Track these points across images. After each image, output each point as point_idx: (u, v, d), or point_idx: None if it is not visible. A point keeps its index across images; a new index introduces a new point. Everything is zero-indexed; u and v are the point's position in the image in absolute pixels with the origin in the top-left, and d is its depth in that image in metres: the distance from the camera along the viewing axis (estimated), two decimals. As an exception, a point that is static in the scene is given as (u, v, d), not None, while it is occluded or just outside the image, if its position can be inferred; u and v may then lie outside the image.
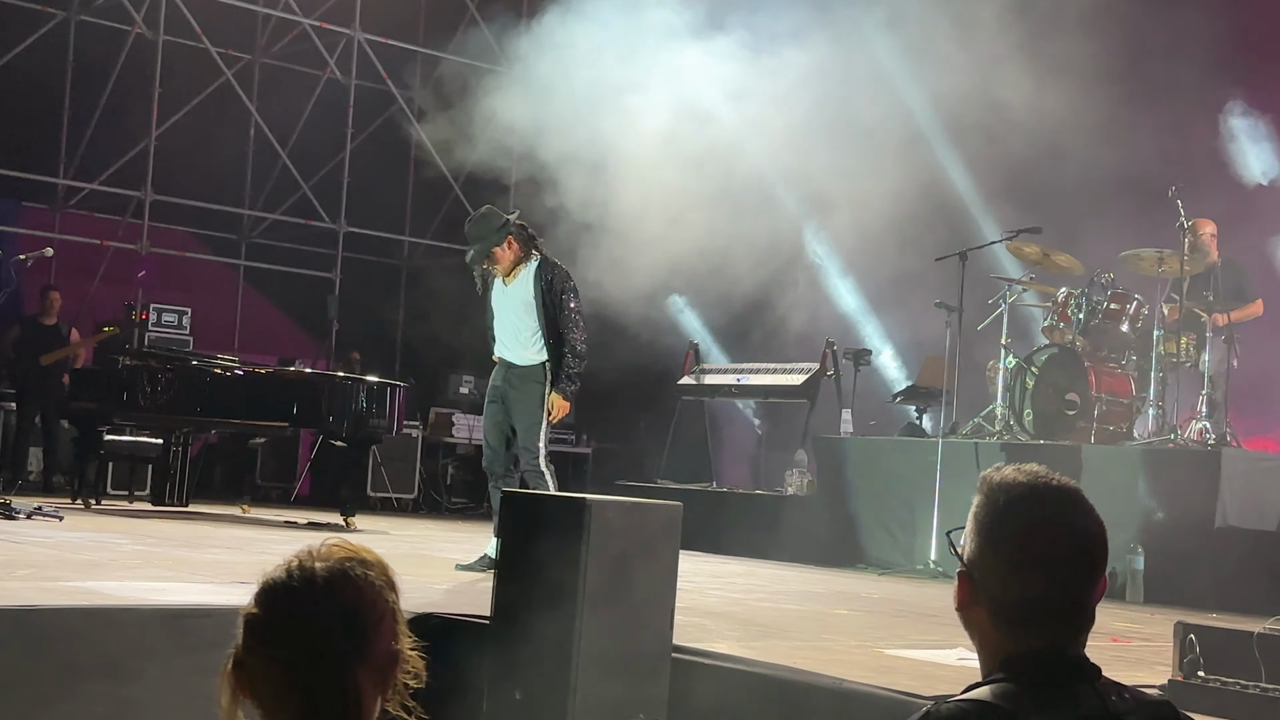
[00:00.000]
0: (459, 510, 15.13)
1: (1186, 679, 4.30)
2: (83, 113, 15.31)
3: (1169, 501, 8.81)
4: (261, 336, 16.56)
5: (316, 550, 2.01)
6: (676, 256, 13.83)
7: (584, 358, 7.96)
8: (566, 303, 7.93)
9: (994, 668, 2.01)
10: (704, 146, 14.22)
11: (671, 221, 13.87)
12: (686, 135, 14.21)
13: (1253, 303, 10.21)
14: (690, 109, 14.33)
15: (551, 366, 7.89)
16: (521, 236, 7.99)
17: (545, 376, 7.89)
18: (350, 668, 1.92)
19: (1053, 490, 2.04)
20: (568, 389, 7.90)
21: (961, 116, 13.27)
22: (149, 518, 10.89)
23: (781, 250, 14.34)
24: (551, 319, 7.89)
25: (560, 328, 7.89)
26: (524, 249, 7.98)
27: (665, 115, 14.17)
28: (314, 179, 16.28)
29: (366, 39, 16.40)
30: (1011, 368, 9.95)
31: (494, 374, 8.09)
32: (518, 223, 8.03)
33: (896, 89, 13.73)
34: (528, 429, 7.88)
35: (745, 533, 10.88)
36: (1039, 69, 12.56)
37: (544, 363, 7.91)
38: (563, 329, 7.89)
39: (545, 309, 7.88)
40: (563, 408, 7.92)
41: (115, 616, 4.91)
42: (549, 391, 7.88)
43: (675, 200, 13.92)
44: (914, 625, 6.65)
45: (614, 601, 4.31)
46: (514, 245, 7.95)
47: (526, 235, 8.04)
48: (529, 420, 7.88)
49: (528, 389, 7.91)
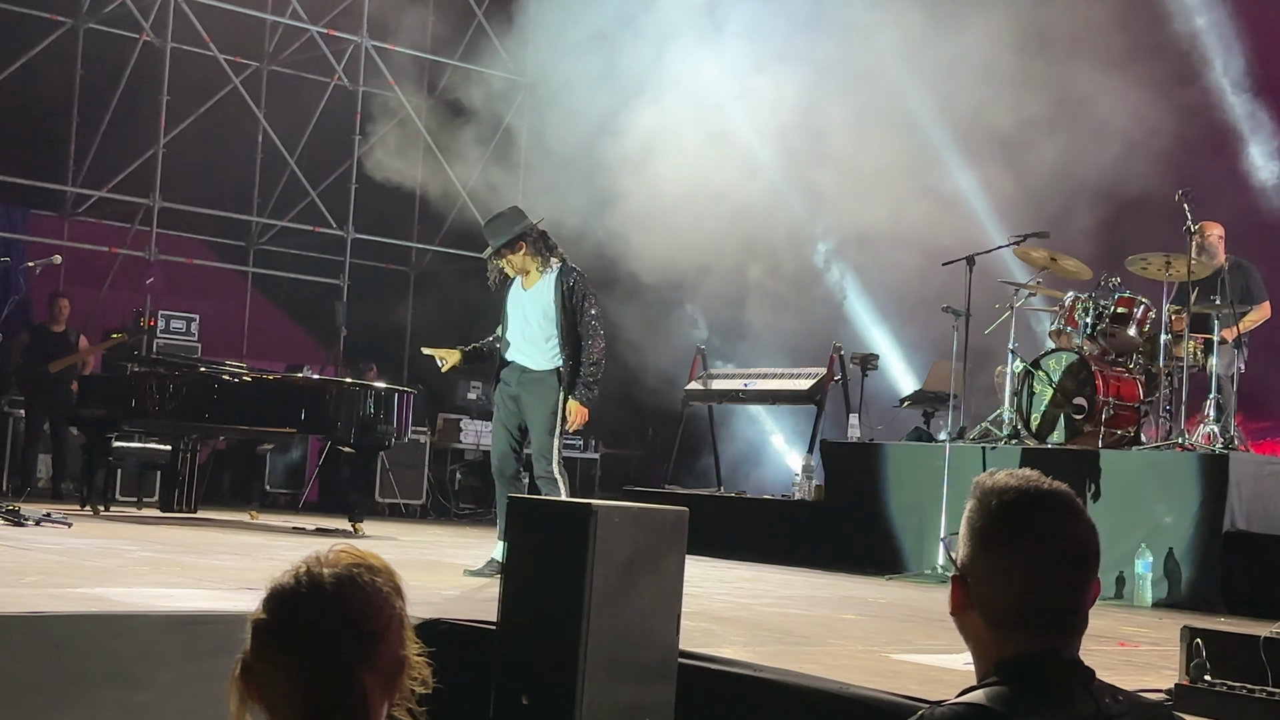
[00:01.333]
0: (467, 516, 15.14)
1: (1193, 683, 4.30)
2: (91, 120, 15.35)
3: (1177, 506, 8.80)
4: (270, 343, 16.59)
5: (324, 556, 2.02)
6: (684, 261, 13.86)
7: (602, 365, 7.97)
8: (587, 309, 7.93)
9: (989, 671, 2.03)
10: (712, 150, 14.26)
11: (679, 225, 13.91)
12: (694, 139, 14.25)
13: (1260, 305, 10.20)
14: (698, 112, 14.35)
15: (568, 373, 7.88)
16: (540, 243, 7.99)
17: (559, 382, 7.89)
18: (357, 674, 1.93)
19: (1044, 494, 2.06)
20: (586, 396, 7.89)
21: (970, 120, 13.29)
22: (157, 524, 10.90)
23: (789, 255, 14.37)
24: (571, 326, 7.89)
25: (580, 335, 7.90)
26: (540, 255, 7.98)
27: (673, 118, 14.21)
28: (322, 186, 16.31)
29: (374, 46, 16.44)
30: (1019, 372, 9.95)
31: (505, 376, 8.04)
32: (540, 230, 8.03)
33: (904, 94, 13.73)
34: (542, 435, 7.88)
35: (753, 538, 10.89)
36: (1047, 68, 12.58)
37: (558, 369, 7.91)
38: (582, 336, 7.90)
39: (565, 316, 7.88)
40: (581, 414, 7.91)
41: (124, 623, 4.92)
42: (563, 398, 7.88)
43: (683, 204, 13.96)
44: (921, 630, 6.65)
45: (620, 607, 4.31)
46: (526, 250, 7.95)
47: (546, 243, 8.03)
48: (544, 426, 7.87)
49: (542, 394, 7.90)
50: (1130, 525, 8.76)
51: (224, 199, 16.22)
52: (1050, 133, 12.67)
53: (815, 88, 13.81)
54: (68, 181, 15.28)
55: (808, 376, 12.36)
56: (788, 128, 14.06)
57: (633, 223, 13.83)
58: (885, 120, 13.54)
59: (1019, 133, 12.81)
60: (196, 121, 15.54)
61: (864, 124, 13.56)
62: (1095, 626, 6.38)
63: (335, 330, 15.94)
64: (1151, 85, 12.27)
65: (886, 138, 13.51)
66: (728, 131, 14.41)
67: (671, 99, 14.24)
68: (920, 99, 13.68)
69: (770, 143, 14.29)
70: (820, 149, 13.86)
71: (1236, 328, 9.70)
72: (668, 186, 13.90)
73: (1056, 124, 12.68)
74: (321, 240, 16.60)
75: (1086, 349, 9.83)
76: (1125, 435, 9.58)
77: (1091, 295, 9.95)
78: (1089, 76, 12.56)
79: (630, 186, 14.05)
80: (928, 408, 11.70)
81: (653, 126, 14.18)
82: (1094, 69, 12.52)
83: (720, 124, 14.44)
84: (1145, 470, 9.10)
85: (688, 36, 14.57)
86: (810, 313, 13.81)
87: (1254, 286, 10.23)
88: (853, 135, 13.60)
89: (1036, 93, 12.63)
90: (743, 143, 14.40)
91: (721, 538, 10.40)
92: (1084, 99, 12.64)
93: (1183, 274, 9.58)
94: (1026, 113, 12.69)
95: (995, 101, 12.74)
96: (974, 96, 12.90)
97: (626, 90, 14.43)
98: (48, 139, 15.27)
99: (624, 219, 13.91)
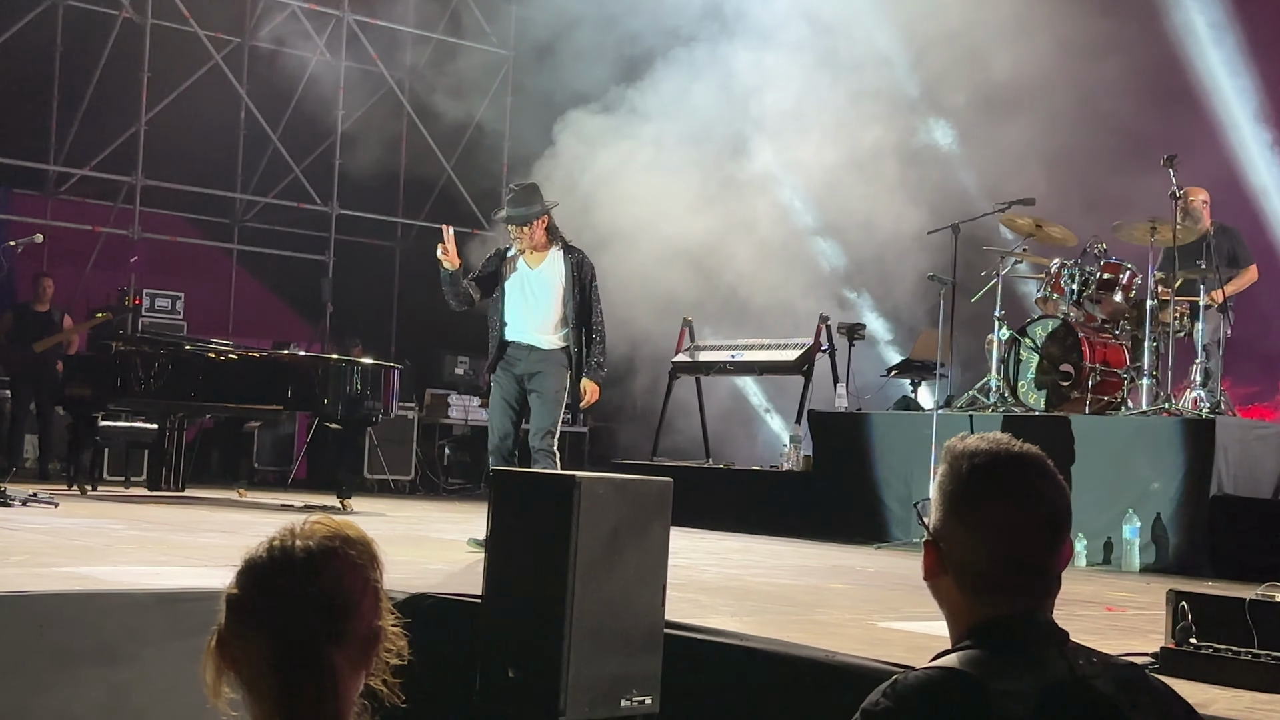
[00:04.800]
0: (456, 491, 15.14)
1: (1179, 646, 4.30)
2: (72, 98, 15.26)
3: (1164, 471, 8.81)
4: (255, 321, 16.54)
5: (299, 528, 2.01)
6: (670, 232, 13.83)
7: (605, 340, 8.11)
8: (594, 289, 8.05)
9: (962, 635, 2.02)
10: (697, 119, 14.22)
11: (664, 196, 13.88)
12: (678, 108, 14.21)
13: (1247, 269, 10.20)
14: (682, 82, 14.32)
15: (577, 352, 7.95)
16: (551, 223, 8.07)
17: (569, 360, 7.94)
18: (328, 645, 1.92)
19: (1015, 457, 2.05)
20: (599, 375, 8.01)
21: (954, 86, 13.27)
22: (145, 503, 10.89)
23: (775, 226, 14.34)
24: (581, 304, 7.98)
25: (589, 313, 8.00)
26: (550, 236, 8.05)
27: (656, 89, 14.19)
28: (305, 162, 16.24)
29: (356, 20, 16.35)
30: (1006, 340, 9.95)
31: (510, 355, 8.03)
32: (552, 209, 8.13)
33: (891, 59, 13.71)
34: (550, 408, 7.91)
35: (742, 509, 10.90)
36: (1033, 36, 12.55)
37: (567, 347, 7.96)
38: (592, 315, 8.01)
39: (576, 293, 7.97)
40: (594, 392, 8.00)
41: (110, 601, 4.91)
42: (573, 376, 7.93)
43: (667, 176, 13.93)
44: (908, 598, 6.65)
45: (606, 579, 4.31)
46: (547, 223, 8.01)
47: (553, 224, 8.11)
48: (553, 400, 7.93)
49: (553, 371, 7.96)
50: (1117, 491, 8.78)
51: (207, 176, 16.14)
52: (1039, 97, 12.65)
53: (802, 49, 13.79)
54: (49, 160, 15.19)
55: (795, 347, 12.35)
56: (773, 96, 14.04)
57: (619, 193, 13.80)
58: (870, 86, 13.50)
59: (1006, 96, 12.79)
60: (178, 98, 15.44)
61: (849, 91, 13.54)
62: (1082, 591, 6.40)
63: (321, 307, 15.89)
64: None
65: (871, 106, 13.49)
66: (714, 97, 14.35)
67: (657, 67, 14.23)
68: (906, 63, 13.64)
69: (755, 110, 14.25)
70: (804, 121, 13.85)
71: (1222, 291, 9.71)
72: (653, 155, 13.89)
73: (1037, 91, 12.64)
74: (306, 216, 16.54)
75: (1073, 315, 9.83)
76: (1112, 401, 9.59)
77: (1077, 262, 9.94)
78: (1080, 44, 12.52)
79: (615, 156, 14.01)
80: (915, 377, 11.70)
81: (639, 95, 14.16)
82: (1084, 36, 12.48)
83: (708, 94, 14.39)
84: (1132, 436, 9.11)
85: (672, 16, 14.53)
86: (796, 283, 13.79)
87: (1240, 251, 10.23)
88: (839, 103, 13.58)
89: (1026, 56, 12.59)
90: (729, 109, 14.35)
91: (710, 509, 10.41)
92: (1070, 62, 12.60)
93: (1168, 239, 9.58)
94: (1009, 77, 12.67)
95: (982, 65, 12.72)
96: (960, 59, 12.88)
97: (610, 59, 14.38)
98: (29, 118, 15.16)
99: (610, 189, 13.87)
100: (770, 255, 13.98)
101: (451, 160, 16.62)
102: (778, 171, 14.46)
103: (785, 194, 14.52)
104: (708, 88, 14.32)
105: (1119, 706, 1.93)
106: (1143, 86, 12.26)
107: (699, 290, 13.91)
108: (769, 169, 14.45)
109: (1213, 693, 3.97)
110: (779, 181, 14.51)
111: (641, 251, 13.47)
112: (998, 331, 10.01)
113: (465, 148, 16.75)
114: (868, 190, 13.46)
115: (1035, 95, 12.68)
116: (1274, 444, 9.21)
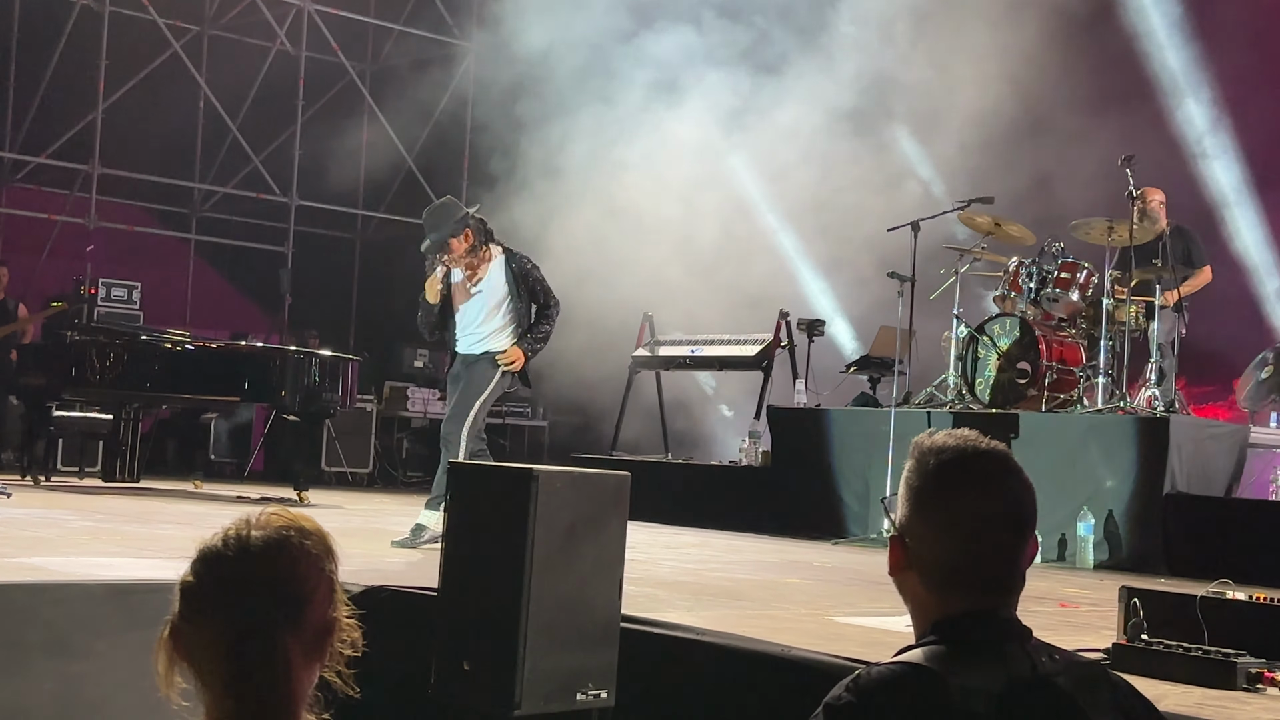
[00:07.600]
0: (414, 484, 15.08)
1: (1131, 642, 4.34)
2: (28, 85, 15.12)
3: (1118, 469, 8.88)
4: (213, 311, 16.45)
5: (255, 519, 2.01)
6: (631, 224, 13.82)
7: (550, 334, 8.05)
8: (541, 279, 8.03)
9: (926, 630, 2.03)
10: (658, 115, 14.21)
11: (624, 190, 13.87)
12: (639, 104, 14.20)
13: (1201, 270, 10.30)
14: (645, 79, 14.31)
15: (521, 330, 7.95)
16: (480, 230, 7.94)
17: (494, 364, 7.91)
18: (281, 636, 1.91)
19: (981, 454, 2.06)
20: (530, 345, 7.94)
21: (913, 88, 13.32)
22: (99, 494, 10.80)
23: (735, 221, 14.35)
24: (531, 299, 7.99)
25: (541, 300, 8.02)
26: (482, 243, 7.93)
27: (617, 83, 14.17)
28: (265, 152, 16.14)
29: (316, 10, 16.25)
30: (964, 337, 10.00)
31: (457, 363, 8.08)
32: (477, 216, 7.98)
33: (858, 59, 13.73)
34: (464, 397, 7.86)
35: (700, 504, 10.91)
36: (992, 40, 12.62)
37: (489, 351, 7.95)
38: (544, 300, 8.02)
39: (523, 296, 7.95)
40: (519, 357, 7.90)
41: (61, 592, 4.87)
42: (499, 370, 7.89)
43: (626, 170, 13.92)
44: (865, 593, 6.68)
45: (562, 572, 4.30)
46: (470, 238, 7.87)
47: (485, 229, 7.99)
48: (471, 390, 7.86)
49: (479, 369, 7.92)
50: (1072, 488, 8.83)
51: (165, 165, 16.03)
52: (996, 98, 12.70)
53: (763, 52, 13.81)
54: (4, 148, 15.04)
55: (754, 343, 12.37)
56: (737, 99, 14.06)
57: (579, 185, 13.79)
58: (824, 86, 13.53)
59: (966, 97, 12.85)
60: (136, 87, 15.32)
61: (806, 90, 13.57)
62: (1036, 588, 6.41)
63: (280, 298, 15.80)
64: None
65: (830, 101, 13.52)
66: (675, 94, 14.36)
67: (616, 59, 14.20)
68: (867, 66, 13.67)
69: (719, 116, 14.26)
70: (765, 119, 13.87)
71: (1178, 292, 9.80)
72: (611, 148, 13.87)
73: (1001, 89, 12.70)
74: (265, 207, 16.44)
75: (1030, 314, 9.88)
76: (1068, 399, 9.66)
77: (1035, 260, 10.00)
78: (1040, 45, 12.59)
79: (575, 147, 13.99)
80: (873, 373, 11.74)
81: (601, 88, 14.14)
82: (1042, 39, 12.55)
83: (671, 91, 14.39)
84: (1087, 433, 9.17)
85: (633, 5, 14.50)
86: (756, 279, 13.80)
87: (1195, 251, 10.32)
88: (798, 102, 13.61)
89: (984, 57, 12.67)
90: (690, 106, 14.35)
91: (668, 504, 10.42)
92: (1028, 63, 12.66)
93: (1125, 239, 9.66)
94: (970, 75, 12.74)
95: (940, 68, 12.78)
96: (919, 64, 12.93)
97: (571, 55, 14.35)
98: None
99: (570, 182, 13.86)
100: (730, 249, 13.98)
101: (413, 152, 16.55)
102: (738, 165, 14.47)
103: (746, 188, 14.53)
104: (669, 80, 14.32)
105: (1080, 704, 1.95)
106: (1099, 86, 12.35)
107: (659, 284, 13.91)
108: (730, 163, 14.45)
109: (1163, 688, 4.00)
110: (740, 175, 14.52)
111: (603, 244, 13.46)
112: (956, 329, 10.06)
113: (426, 140, 16.69)
114: (827, 185, 13.49)
115: (992, 95, 12.74)
116: (1227, 443, 9.30)
